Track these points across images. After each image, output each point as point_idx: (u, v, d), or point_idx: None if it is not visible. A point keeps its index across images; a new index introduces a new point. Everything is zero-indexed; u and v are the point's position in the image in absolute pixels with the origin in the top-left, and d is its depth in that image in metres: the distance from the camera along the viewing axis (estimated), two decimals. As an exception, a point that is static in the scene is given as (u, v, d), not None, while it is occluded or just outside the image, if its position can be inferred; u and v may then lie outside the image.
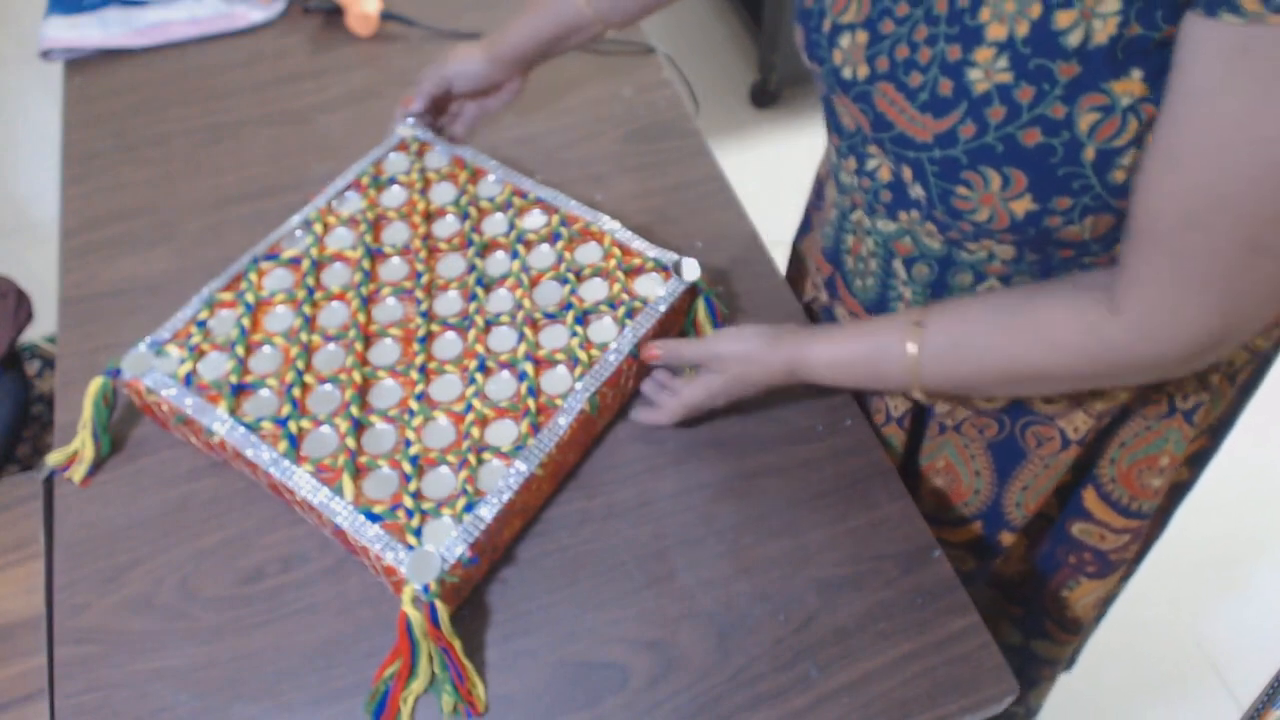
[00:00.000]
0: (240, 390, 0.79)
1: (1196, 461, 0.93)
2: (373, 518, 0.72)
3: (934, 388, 0.69)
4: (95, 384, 0.82)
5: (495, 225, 0.91)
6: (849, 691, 0.70)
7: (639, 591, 0.75)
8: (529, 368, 0.80)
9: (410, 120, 0.99)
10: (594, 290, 0.86)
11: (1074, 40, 0.55)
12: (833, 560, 0.76)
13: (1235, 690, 1.54)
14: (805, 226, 1.00)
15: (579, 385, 0.79)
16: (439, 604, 0.68)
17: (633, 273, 0.87)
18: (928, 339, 0.68)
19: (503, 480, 0.73)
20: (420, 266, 0.87)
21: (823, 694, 0.70)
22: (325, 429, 0.77)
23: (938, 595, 0.74)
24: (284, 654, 0.73)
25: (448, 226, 0.91)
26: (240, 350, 0.81)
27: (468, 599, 0.75)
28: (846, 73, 0.67)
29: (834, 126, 0.75)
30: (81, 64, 1.19)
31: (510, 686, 0.71)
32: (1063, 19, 0.55)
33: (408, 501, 0.72)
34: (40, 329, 1.26)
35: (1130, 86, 0.55)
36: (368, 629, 0.74)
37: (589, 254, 0.88)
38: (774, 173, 1.90)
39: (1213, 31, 0.49)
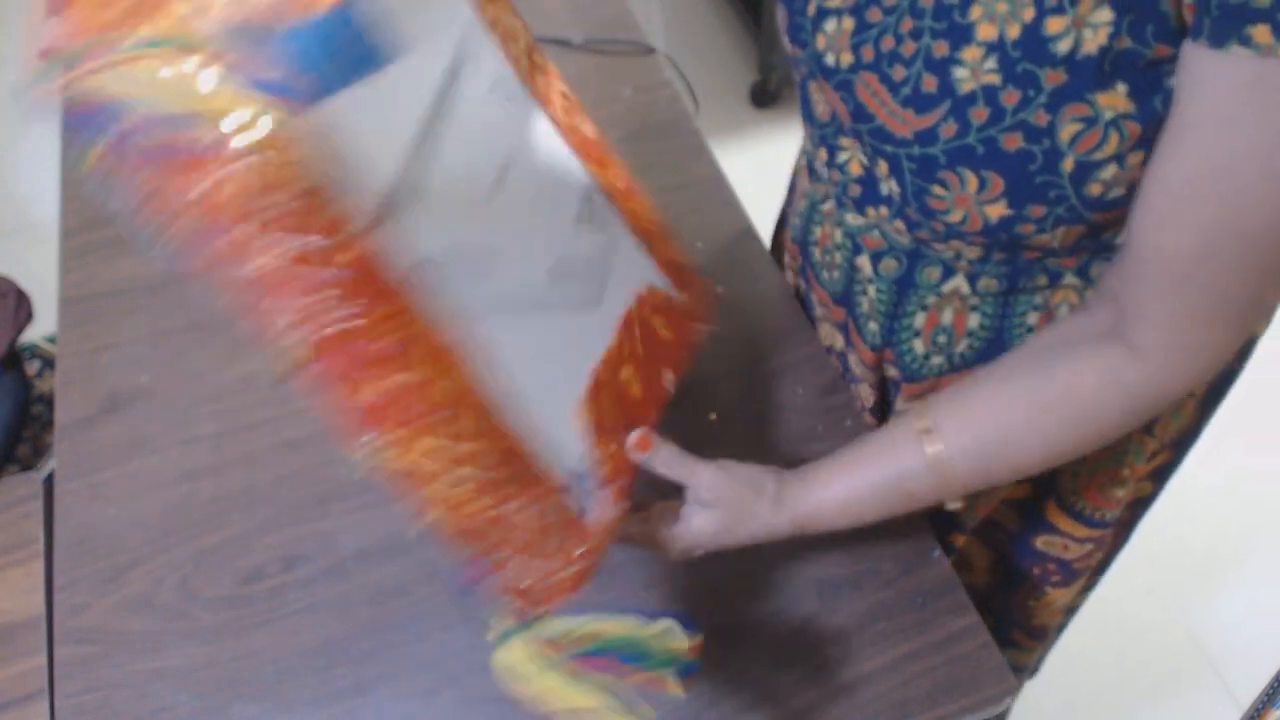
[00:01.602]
0: None
1: (1159, 476, 0.93)
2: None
3: (970, 489, 0.65)
4: None
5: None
6: (849, 691, 0.70)
7: (639, 592, 0.75)
8: None
9: None
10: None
11: (1063, 48, 0.54)
12: (833, 560, 0.76)
13: (1234, 690, 1.54)
14: (782, 221, 1.00)
15: None
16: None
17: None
18: (948, 444, 0.64)
19: None
20: None
21: (823, 694, 0.70)
22: None
23: (938, 595, 0.74)
24: (284, 654, 0.73)
25: None
26: None
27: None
28: (829, 59, 0.66)
29: (807, 114, 0.74)
30: (81, 64, 1.19)
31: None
32: (1053, 25, 0.54)
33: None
34: (40, 329, 1.26)
35: (1114, 100, 0.55)
36: (368, 629, 0.74)
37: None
38: (774, 173, 1.90)
39: (1221, 64, 0.49)
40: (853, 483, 0.66)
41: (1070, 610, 1.08)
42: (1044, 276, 0.68)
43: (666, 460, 0.67)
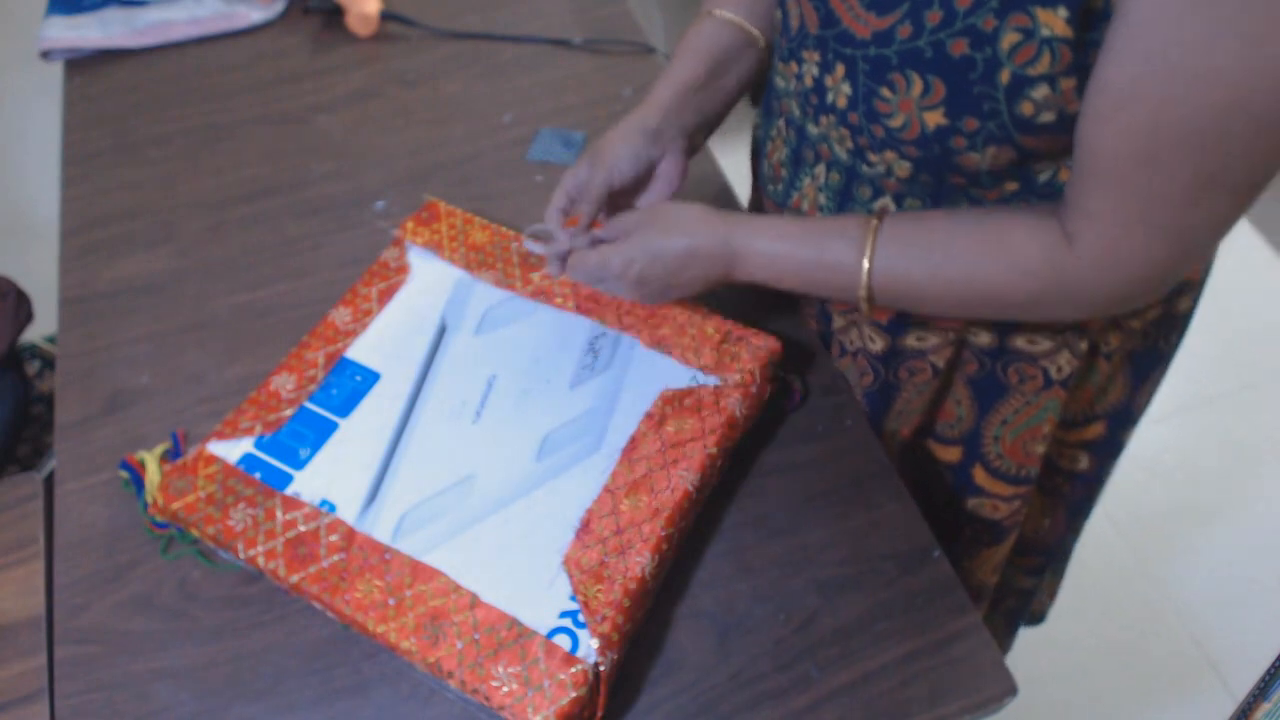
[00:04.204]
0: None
1: (1095, 450, 0.96)
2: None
3: (882, 285, 0.69)
4: None
5: None
6: (849, 691, 0.70)
7: (639, 591, 0.75)
8: None
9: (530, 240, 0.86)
10: None
11: None
12: (833, 560, 0.76)
13: (1234, 690, 1.54)
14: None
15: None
16: None
17: None
18: (883, 243, 0.68)
19: None
20: None
21: (823, 694, 0.70)
22: None
23: (938, 595, 0.74)
24: (284, 654, 0.73)
25: None
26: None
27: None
28: None
29: (784, 30, 0.77)
30: (81, 64, 1.19)
31: (510, 686, 0.71)
32: None
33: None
34: (40, 329, 1.26)
35: (1052, 20, 0.57)
36: (368, 629, 0.74)
37: None
38: (774, 173, 1.90)
39: None
40: (782, 243, 0.72)
41: (999, 568, 1.11)
42: (966, 205, 0.71)
43: (615, 228, 0.76)
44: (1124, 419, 0.93)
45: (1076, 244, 0.62)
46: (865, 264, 0.69)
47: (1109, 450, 0.97)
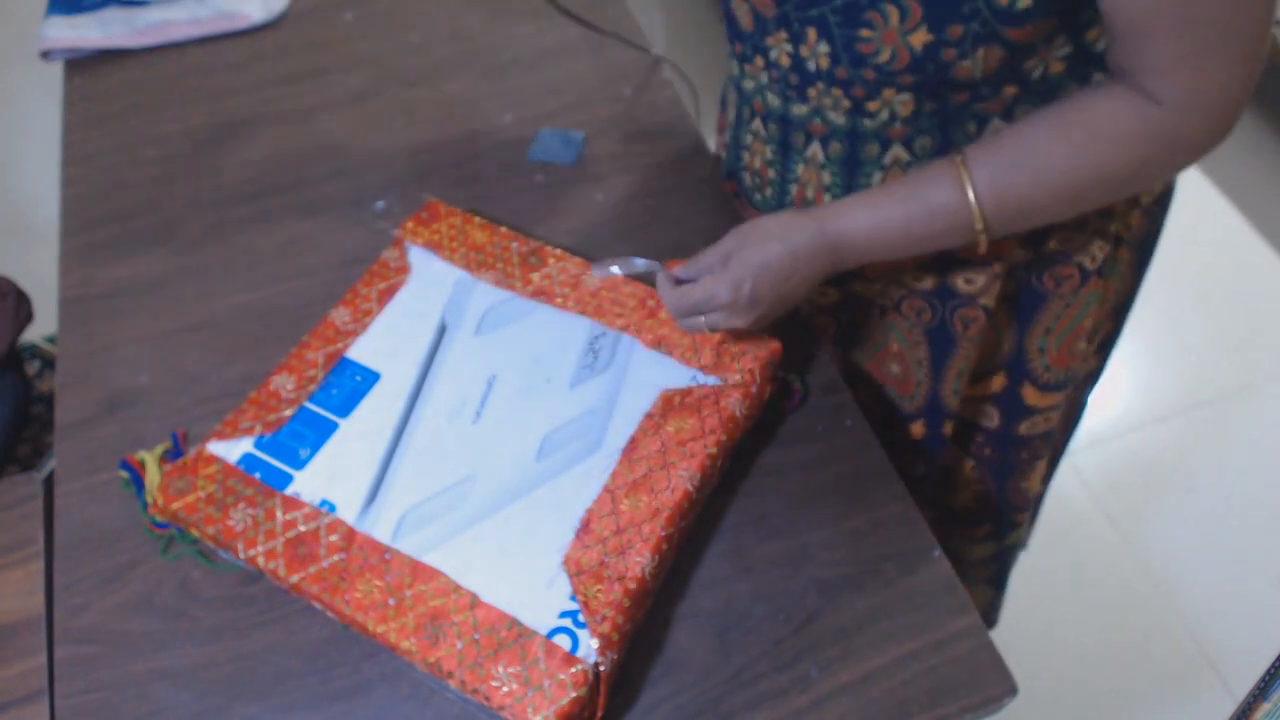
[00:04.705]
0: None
1: (1104, 349, 0.98)
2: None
3: (994, 209, 0.69)
4: None
5: None
6: (849, 691, 0.70)
7: (639, 591, 0.75)
8: None
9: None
10: None
11: None
12: (833, 560, 0.76)
13: (1234, 690, 1.54)
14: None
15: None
16: None
17: None
18: (976, 170, 0.68)
19: None
20: None
21: (823, 694, 0.70)
22: None
23: (938, 595, 0.74)
24: (284, 654, 0.73)
25: None
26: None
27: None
28: None
29: (735, 35, 0.78)
30: (81, 64, 1.19)
31: (510, 686, 0.71)
32: None
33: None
34: (40, 329, 1.26)
35: None
36: (368, 629, 0.74)
37: None
38: (774, 173, 1.90)
39: None
40: (879, 210, 0.71)
41: (1051, 464, 1.13)
42: (973, 124, 0.72)
43: (699, 267, 0.74)
44: (1127, 309, 0.95)
45: (1162, 98, 0.63)
46: (971, 196, 0.68)
47: (1112, 344, 0.98)
